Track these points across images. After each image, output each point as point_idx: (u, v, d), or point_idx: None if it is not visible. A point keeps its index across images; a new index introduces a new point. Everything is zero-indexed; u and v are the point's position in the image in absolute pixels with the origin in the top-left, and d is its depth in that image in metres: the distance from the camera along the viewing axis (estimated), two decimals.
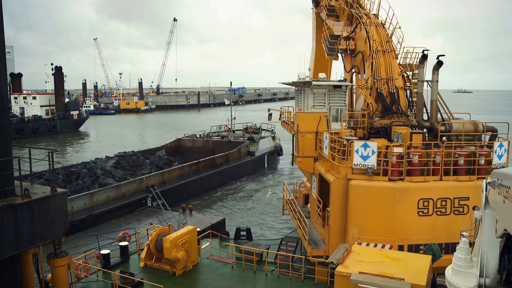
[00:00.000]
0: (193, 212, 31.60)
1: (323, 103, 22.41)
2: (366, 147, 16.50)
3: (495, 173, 8.30)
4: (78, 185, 38.60)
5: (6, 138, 12.89)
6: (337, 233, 17.41)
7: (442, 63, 19.35)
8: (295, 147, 21.39)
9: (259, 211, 39.52)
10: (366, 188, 16.69)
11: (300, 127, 20.56)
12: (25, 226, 12.33)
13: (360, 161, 16.61)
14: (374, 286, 11.95)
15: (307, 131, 20.49)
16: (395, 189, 16.39)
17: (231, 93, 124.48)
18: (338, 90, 22.46)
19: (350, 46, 24.16)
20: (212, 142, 58.09)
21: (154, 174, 40.87)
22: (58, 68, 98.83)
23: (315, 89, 22.26)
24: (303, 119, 20.69)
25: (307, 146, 20.67)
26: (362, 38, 23.08)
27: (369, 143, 16.63)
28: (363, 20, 23.21)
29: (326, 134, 18.72)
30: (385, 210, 16.46)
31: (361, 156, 16.57)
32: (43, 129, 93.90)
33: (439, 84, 19.66)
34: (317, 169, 20.02)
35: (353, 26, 24.37)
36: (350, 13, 24.80)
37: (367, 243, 16.33)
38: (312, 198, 21.53)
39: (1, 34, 12.53)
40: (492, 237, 8.25)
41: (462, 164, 17.00)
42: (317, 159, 20.67)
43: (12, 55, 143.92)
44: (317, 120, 20.48)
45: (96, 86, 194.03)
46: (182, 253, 19.37)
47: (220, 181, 47.81)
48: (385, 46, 22.56)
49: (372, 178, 16.73)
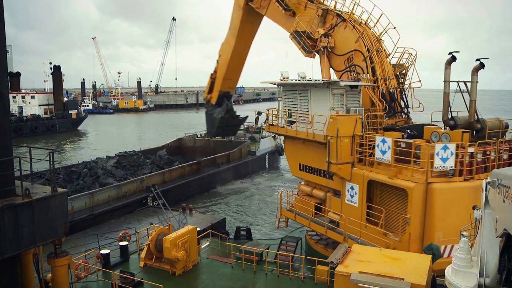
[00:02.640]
0: (193, 212, 31.62)
1: (341, 104, 21.15)
2: (446, 149, 16.52)
3: (495, 173, 8.33)
4: (79, 184, 38.57)
5: (6, 138, 12.89)
6: (417, 240, 17.09)
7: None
8: (332, 154, 19.61)
9: (259, 211, 39.54)
10: (449, 191, 16.57)
11: (340, 131, 19.35)
12: (25, 226, 12.34)
13: (440, 164, 16.57)
14: (374, 286, 11.96)
15: (345, 135, 19.48)
16: (473, 188, 16.38)
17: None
18: (354, 90, 21.50)
19: (330, 44, 23.53)
20: (213, 142, 58.07)
21: (155, 174, 40.86)
22: (56, 67, 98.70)
23: (335, 89, 20.87)
24: (343, 123, 19.51)
25: (345, 151, 19.63)
26: (350, 36, 22.67)
27: (449, 145, 16.69)
28: (346, 17, 22.95)
29: (384, 138, 18.05)
30: (467, 210, 16.60)
31: (441, 159, 16.56)
32: (42, 129, 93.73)
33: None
34: (367, 175, 18.94)
35: (327, 23, 23.92)
36: (324, 10, 24.15)
37: (452, 245, 16.18)
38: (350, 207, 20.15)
39: (2, 34, 12.53)
40: (492, 237, 8.27)
41: (506, 159, 17.71)
42: (353, 164, 19.82)
43: (10, 54, 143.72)
44: (353, 123, 19.64)
45: (94, 85, 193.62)
46: (182, 253, 19.37)
47: (221, 181, 47.79)
48: (376, 46, 22.43)
49: (450, 180, 16.66)
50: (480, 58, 18.65)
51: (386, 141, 17.87)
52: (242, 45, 33.27)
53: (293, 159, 24.43)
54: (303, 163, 23.49)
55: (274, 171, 57.19)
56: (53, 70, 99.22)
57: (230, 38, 33.08)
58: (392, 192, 18.38)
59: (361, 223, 19.21)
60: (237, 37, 32.24)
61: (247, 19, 31.64)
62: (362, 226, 19.13)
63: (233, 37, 32.55)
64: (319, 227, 21.79)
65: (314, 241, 23.79)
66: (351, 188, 20.00)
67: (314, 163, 22.62)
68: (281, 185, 49.26)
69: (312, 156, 22.55)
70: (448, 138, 17.85)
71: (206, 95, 37.24)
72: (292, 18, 25.97)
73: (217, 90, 35.92)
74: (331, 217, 21.41)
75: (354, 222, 19.48)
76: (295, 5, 26.09)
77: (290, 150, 24.59)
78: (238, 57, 34.23)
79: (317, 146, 21.56)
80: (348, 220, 19.62)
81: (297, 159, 23.90)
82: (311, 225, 22.26)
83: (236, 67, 34.95)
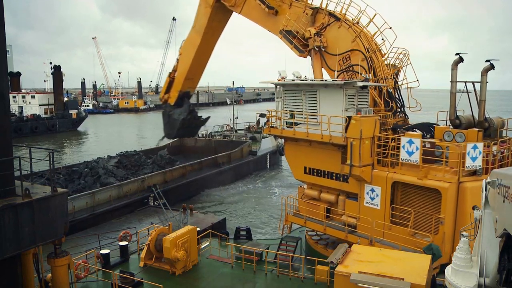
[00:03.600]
0: (194, 212, 31.66)
1: (352, 105, 20.55)
2: (475, 149, 16.75)
3: (495, 172, 8.33)
4: (80, 184, 38.60)
5: (6, 138, 12.90)
6: (450, 239, 17.16)
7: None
8: (355, 156, 19.02)
9: (260, 210, 39.56)
10: (479, 189, 16.92)
11: (363, 132, 18.90)
12: (25, 226, 12.36)
13: (470, 163, 16.82)
14: (374, 285, 11.95)
15: (367, 136, 19.10)
16: None
17: (233, 93, 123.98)
18: (364, 90, 21.08)
19: (323, 43, 23.19)
20: (214, 142, 58.10)
21: (156, 174, 40.92)
22: (57, 67, 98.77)
23: (349, 89, 20.23)
24: (365, 124, 19.09)
25: (365, 153, 19.25)
26: (346, 36, 22.47)
27: (478, 144, 16.95)
28: (341, 17, 22.81)
29: (411, 139, 18.00)
30: None
31: (471, 158, 16.80)
32: (42, 128, 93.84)
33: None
34: (391, 177, 18.72)
35: (317, 22, 23.65)
36: (314, 9, 23.84)
37: None
38: (369, 209, 19.79)
39: (2, 34, 12.53)
40: (492, 237, 8.27)
41: None
42: (373, 166, 19.56)
43: (11, 54, 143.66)
44: (373, 125, 19.37)
45: (95, 85, 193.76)
46: (182, 253, 19.37)
47: (222, 181, 47.79)
48: (372, 46, 22.32)
49: (478, 178, 16.80)
50: (490, 59, 19.04)
51: (413, 142, 17.84)
52: (207, 44, 32.40)
53: (296, 162, 23.12)
54: (310, 166, 22.32)
55: (275, 171, 57.21)
56: (54, 70, 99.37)
57: (194, 37, 32.04)
58: (418, 192, 18.30)
59: (384, 224, 18.96)
60: (203, 36, 31.26)
61: (214, 18, 30.76)
62: (386, 227, 18.91)
63: (198, 35, 31.49)
64: (335, 231, 20.86)
65: (314, 241, 23.76)
66: (371, 191, 19.64)
67: (324, 165, 21.64)
68: (281, 185, 49.29)
69: (322, 159, 21.60)
70: (463, 137, 17.98)
71: (163, 95, 36.05)
72: (274, 17, 25.54)
73: (177, 90, 34.74)
74: (345, 221, 20.85)
75: (377, 224, 19.13)
76: (278, 3, 25.52)
77: (293, 153, 23.22)
78: (202, 56, 33.29)
79: (328, 148, 20.84)
80: (368, 222, 19.32)
81: (302, 162, 22.70)
82: (327, 230, 21.28)
83: (199, 66, 34.02)
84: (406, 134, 19.06)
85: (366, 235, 19.45)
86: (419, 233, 18.08)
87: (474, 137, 17.93)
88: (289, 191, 43.47)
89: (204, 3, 30.75)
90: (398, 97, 22.92)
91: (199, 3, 31.31)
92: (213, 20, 30.92)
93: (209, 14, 30.46)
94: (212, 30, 31.68)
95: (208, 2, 30.26)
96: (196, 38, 31.88)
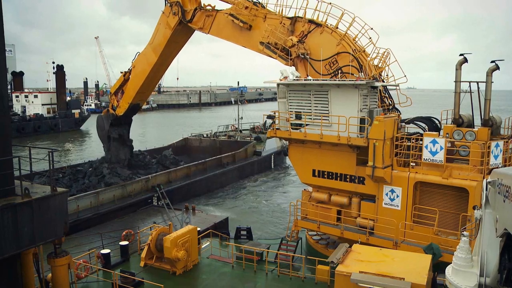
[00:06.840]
0: (196, 212, 31.64)
1: (365, 105, 20.31)
2: (497, 147, 17.08)
3: (495, 172, 8.28)
4: (84, 184, 38.62)
5: (6, 137, 12.90)
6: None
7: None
8: (378, 158, 18.70)
9: (263, 210, 39.51)
10: None
11: (387, 133, 18.74)
12: (25, 225, 12.35)
13: (493, 161, 17.11)
14: (375, 285, 11.92)
15: (388, 137, 18.97)
16: None
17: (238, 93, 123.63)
18: (375, 90, 20.91)
19: (307, 50, 23.23)
20: (219, 142, 58.08)
21: (160, 174, 40.85)
22: (59, 66, 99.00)
23: (364, 89, 19.92)
24: (387, 125, 18.90)
25: (387, 154, 19.00)
26: (329, 40, 22.56)
27: (499, 142, 17.27)
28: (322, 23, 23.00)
29: (435, 139, 18.08)
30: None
31: (494, 156, 17.09)
32: (45, 128, 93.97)
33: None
34: (413, 177, 18.62)
35: (297, 31, 23.81)
36: (293, 19, 24.05)
37: None
38: (388, 210, 19.71)
39: (1, 34, 12.52)
40: (492, 237, 8.23)
41: None
42: (392, 167, 19.42)
43: (13, 53, 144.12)
44: (393, 125, 19.24)
45: (97, 85, 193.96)
46: (183, 253, 19.34)
47: (226, 181, 47.77)
48: (357, 47, 22.37)
49: None
50: (495, 60, 19.27)
51: (437, 142, 17.92)
52: (163, 62, 32.63)
53: (303, 165, 22.45)
54: (320, 168, 21.77)
55: (280, 171, 57.14)
56: (56, 69, 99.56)
57: (150, 54, 32.08)
58: (441, 192, 18.29)
59: (406, 224, 18.91)
60: (160, 55, 31.40)
61: (174, 39, 30.75)
62: (408, 227, 18.82)
63: (155, 54, 31.65)
64: (354, 234, 20.52)
65: (315, 240, 23.73)
66: (390, 192, 19.49)
67: (336, 168, 21.22)
68: (286, 186, 49.27)
69: (334, 161, 21.21)
70: (473, 136, 18.05)
71: (113, 96, 36.45)
72: (248, 31, 25.71)
73: (127, 102, 35.13)
74: (360, 223, 20.56)
75: (396, 225, 19.02)
76: (251, 17, 25.69)
77: (299, 156, 22.54)
78: (157, 73, 33.62)
79: (342, 150, 20.57)
80: (390, 223, 19.18)
81: (310, 165, 22.11)
82: (344, 234, 20.86)
83: (152, 81, 34.50)
84: (425, 134, 19.07)
85: (390, 237, 19.19)
86: (442, 231, 18.14)
87: (485, 135, 17.96)
88: (294, 192, 43.43)
89: (165, 24, 30.30)
90: (388, 95, 23.08)
91: (158, 21, 30.92)
92: (172, 42, 30.87)
93: (168, 36, 30.33)
94: (170, 50, 31.80)
95: (169, 24, 29.84)
96: (152, 56, 31.89)
